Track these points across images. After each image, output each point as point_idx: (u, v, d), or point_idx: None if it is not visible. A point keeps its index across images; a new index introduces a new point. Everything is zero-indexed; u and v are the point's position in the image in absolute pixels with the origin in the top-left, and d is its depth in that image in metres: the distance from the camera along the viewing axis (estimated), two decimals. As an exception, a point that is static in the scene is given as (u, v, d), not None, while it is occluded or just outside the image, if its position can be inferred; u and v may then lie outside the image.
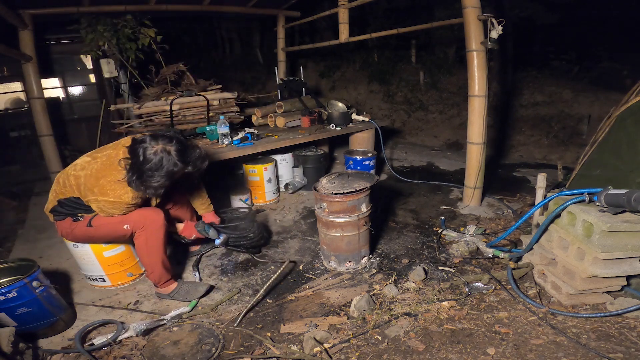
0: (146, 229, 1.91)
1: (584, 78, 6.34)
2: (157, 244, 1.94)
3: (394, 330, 1.78)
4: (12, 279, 1.79)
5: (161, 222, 1.94)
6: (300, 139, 3.50)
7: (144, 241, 1.93)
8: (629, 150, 2.02)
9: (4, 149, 5.04)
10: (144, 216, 1.91)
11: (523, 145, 5.45)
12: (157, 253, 1.96)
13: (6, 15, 3.14)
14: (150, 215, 1.92)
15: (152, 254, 1.96)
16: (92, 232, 1.97)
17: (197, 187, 2.43)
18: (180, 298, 2.08)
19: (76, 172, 1.88)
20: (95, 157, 1.90)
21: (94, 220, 1.94)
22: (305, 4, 5.16)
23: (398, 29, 3.73)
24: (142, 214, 1.92)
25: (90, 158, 1.91)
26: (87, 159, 1.92)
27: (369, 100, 6.96)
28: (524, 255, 2.20)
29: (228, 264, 2.52)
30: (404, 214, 3.20)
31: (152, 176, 1.71)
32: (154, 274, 2.01)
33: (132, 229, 1.92)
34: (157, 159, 1.70)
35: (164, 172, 1.72)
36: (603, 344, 1.63)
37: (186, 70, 3.76)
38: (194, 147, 1.87)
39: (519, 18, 6.48)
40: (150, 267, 2.00)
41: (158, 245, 1.94)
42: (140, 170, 1.71)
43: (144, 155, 1.70)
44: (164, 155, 1.72)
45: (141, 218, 1.91)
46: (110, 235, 2.02)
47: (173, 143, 1.75)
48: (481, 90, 2.89)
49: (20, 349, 1.57)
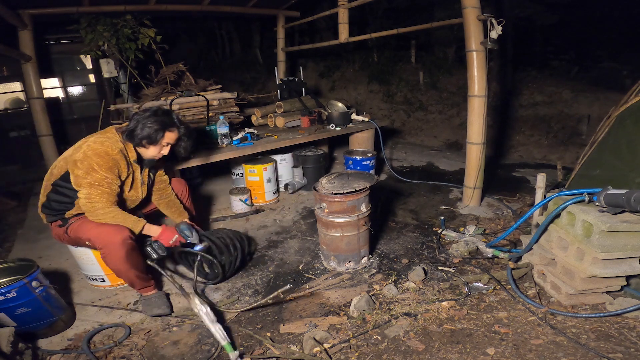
0: (104, 249, 1.84)
1: (583, 78, 6.34)
2: (118, 261, 1.86)
3: (393, 330, 1.78)
4: (11, 279, 1.79)
5: (119, 243, 1.82)
6: (300, 139, 3.50)
7: (104, 258, 1.89)
8: (629, 150, 2.02)
9: (4, 149, 5.04)
10: (101, 237, 1.83)
11: (523, 145, 5.45)
12: (121, 269, 1.90)
13: (6, 15, 3.14)
14: (108, 237, 1.83)
15: (115, 270, 1.92)
16: (70, 240, 1.99)
17: (169, 195, 2.34)
18: (141, 308, 2.04)
19: (62, 156, 1.97)
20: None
21: (69, 228, 1.95)
22: (305, 4, 5.16)
23: (398, 29, 3.72)
24: (100, 233, 1.84)
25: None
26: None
27: (368, 100, 6.96)
28: (523, 255, 2.20)
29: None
30: (403, 214, 3.20)
31: (147, 119, 1.92)
32: (124, 280, 2.00)
33: (92, 245, 1.89)
34: (154, 108, 2.02)
35: (158, 119, 1.95)
36: (602, 344, 1.63)
37: (186, 70, 3.76)
38: (188, 124, 2.12)
39: (518, 18, 6.48)
40: (117, 275, 1.97)
41: (119, 262, 1.87)
42: (137, 118, 1.94)
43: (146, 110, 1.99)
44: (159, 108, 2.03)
45: (99, 237, 1.84)
46: (83, 246, 2.01)
47: (170, 109, 2.07)
48: (481, 90, 2.89)
49: (20, 349, 1.57)
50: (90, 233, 1.86)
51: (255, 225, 3.09)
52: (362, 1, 3.90)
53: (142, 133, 1.91)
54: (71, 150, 1.94)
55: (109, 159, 1.84)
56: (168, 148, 2.05)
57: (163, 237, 2.02)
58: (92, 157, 1.81)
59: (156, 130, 1.93)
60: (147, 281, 2.03)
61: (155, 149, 2.00)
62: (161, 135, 1.96)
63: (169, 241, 2.03)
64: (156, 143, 1.97)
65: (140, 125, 1.91)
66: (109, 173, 1.85)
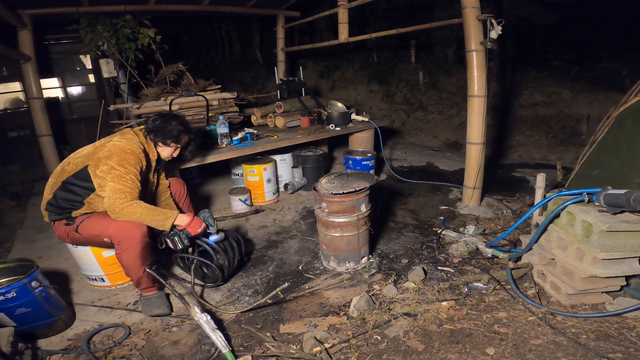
0: (122, 244, 1.86)
1: (583, 78, 6.33)
2: (134, 257, 1.89)
3: (393, 330, 1.78)
4: (11, 279, 1.78)
5: (138, 238, 1.87)
6: (300, 139, 3.50)
7: (120, 254, 1.90)
8: (628, 151, 2.02)
9: (4, 149, 5.04)
10: (121, 231, 1.85)
11: (522, 145, 5.45)
12: (134, 265, 1.91)
13: (5, 16, 3.14)
14: (127, 231, 1.86)
15: (129, 266, 1.92)
16: (80, 238, 1.98)
17: (167, 199, 2.39)
18: (141, 308, 2.05)
19: (77, 154, 2.01)
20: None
21: (80, 226, 1.95)
22: (305, 4, 5.17)
23: (398, 29, 3.73)
24: (120, 229, 1.86)
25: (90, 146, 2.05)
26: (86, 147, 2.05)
27: (368, 101, 6.96)
28: (523, 255, 2.20)
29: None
30: (403, 214, 3.20)
31: (172, 119, 2.11)
32: (132, 277, 2.00)
33: (111, 240, 1.90)
34: (169, 112, 2.17)
35: (181, 120, 2.15)
36: (602, 344, 1.64)
37: (185, 70, 3.76)
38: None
39: (518, 18, 6.48)
40: (128, 271, 1.97)
41: (135, 258, 1.89)
42: (161, 118, 2.09)
43: (165, 111, 2.20)
44: (171, 113, 2.23)
45: (119, 233, 1.86)
46: (94, 243, 2.02)
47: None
48: (480, 91, 2.90)
49: (20, 349, 1.57)
50: (110, 228, 1.88)
51: (255, 226, 3.09)
52: (362, 1, 3.91)
53: (171, 131, 2.08)
54: (90, 148, 2.00)
55: (135, 157, 1.93)
56: (178, 150, 2.21)
57: (192, 226, 1.99)
58: (119, 153, 1.89)
59: (180, 131, 2.11)
60: (153, 282, 2.03)
61: (171, 150, 2.15)
62: (183, 136, 2.14)
63: (197, 229, 2.01)
64: (178, 142, 2.14)
65: (167, 125, 2.07)
66: (133, 168, 1.91)
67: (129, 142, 1.95)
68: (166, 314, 1.99)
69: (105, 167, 1.85)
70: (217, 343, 1.64)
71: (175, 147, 2.16)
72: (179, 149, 2.20)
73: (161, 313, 1.98)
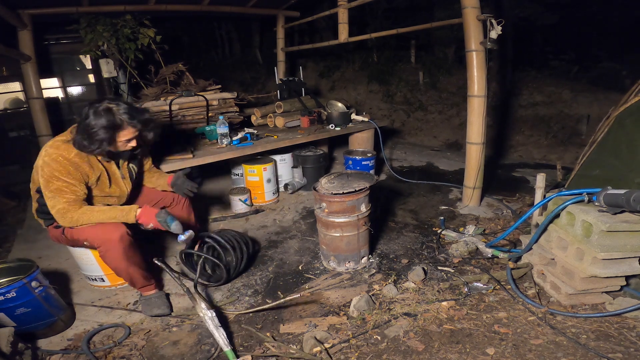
0: (102, 246, 1.83)
1: (583, 78, 6.34)
2: (117, 259, 1.85)
3: (393, 330, 1.78)
4: (11, 279, 1.78)
5: (116, 239, 1.80)
6: (300, 139, 3.50)
7: (103, 256, 1.88)
8: (628, 151, 2.02)
9: (3, 149, 5.04)
10: (98, 234, 1.81)
11: (522, 145, 5.45)
12: (119, 266, 1.89)
13: (5, 16, 3.14)
14: (104, 234, 1.81)
15: (115, 267, 1.91)
16: (66, 240, 1.96)
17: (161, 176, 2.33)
18: (141, 308, 2.04)
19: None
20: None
21: (65, 230, 1.91)
22: (305, 4, 5.16)
23: (397, 29, 3.73)
24: (97, 232, 1.81)
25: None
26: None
27: (368, 101, 6.96)
28: (523, 255, 2.20)
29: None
30: (403, 214, 3.20)
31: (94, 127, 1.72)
32: (123, 278, 1.98)
33: (90, 244, 1.87)
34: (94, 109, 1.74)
35: (105, 122, 1.73)
36: (602, 344, 1.64)
37: (185, 70, 3.76)
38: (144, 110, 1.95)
39: (518, 18, 6.49)
40: (116, 273, 1.96)
41: (118, 260, 1.86)
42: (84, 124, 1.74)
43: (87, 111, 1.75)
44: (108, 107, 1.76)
45: (96, 236, 1.82)
46: (82, 246, 1.99)
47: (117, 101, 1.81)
48: (480, 91, 2.90)
49: (20, 349, 1.57)
50: (87, 232, 1.83)
51: (255, 226, 3.09)
52: (362, 1, 3.90)
53: (91, 146, 1.75)
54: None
55: (67, 164, 1.75)
56: (134, 141, 1.89)
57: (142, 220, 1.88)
58: (49, 163, 1.73)
59: (102, 140, 1.75)
60: (148, 280, 2.02)
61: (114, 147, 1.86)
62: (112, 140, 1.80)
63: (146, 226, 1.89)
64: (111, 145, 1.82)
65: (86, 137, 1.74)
66: (69, 178, 1.76)
67: (60, 147, 1.77)
68: (166, 314, 1.99)
69: (41, 179, 1.76)
70: (219, 341, 1.64)
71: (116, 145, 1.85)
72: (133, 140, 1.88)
73: (161, 313, 1.98)
